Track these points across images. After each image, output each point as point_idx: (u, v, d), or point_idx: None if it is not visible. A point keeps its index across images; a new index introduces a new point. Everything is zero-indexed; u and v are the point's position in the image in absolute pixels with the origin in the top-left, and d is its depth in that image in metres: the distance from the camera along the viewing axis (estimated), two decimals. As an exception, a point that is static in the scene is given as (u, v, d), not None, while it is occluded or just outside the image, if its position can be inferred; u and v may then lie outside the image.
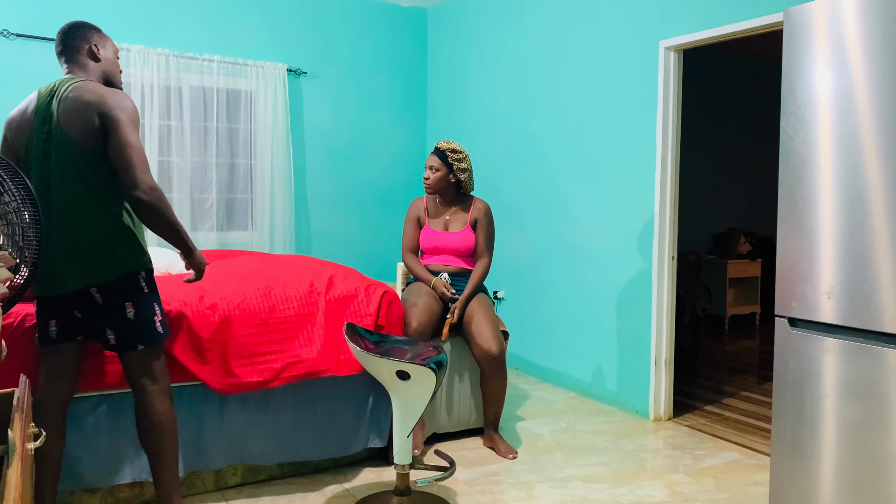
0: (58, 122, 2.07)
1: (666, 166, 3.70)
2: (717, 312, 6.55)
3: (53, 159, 2.09)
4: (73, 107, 2.07)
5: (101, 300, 2.13)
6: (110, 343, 2.19)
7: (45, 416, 2.16)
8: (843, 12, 2.09)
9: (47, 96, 2.13)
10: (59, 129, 2.07)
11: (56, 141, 2.08)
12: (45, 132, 2.09)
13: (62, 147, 2.08)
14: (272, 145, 4.97)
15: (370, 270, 4.77)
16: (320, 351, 2.74)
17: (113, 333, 2.17)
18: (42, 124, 2.10)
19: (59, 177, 2.08)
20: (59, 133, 2.07)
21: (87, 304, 2.13)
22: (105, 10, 4.47)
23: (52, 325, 2.18)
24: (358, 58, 5.43)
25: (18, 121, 2.17)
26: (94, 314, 2.15)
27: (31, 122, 2.14)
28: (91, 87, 2.12)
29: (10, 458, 1.11)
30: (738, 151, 7.17)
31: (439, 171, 3.33)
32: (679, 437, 3.50)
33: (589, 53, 4.16)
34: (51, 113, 2.09)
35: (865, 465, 2.04)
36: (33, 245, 1.83)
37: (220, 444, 2.67)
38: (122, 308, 2.16)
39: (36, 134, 2.11)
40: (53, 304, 2.16)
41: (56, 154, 2.08)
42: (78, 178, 2.08)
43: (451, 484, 2.87)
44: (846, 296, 2.08)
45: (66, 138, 2.07)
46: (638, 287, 3.84)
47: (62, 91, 2.11)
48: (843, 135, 2.09)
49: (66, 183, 2.08)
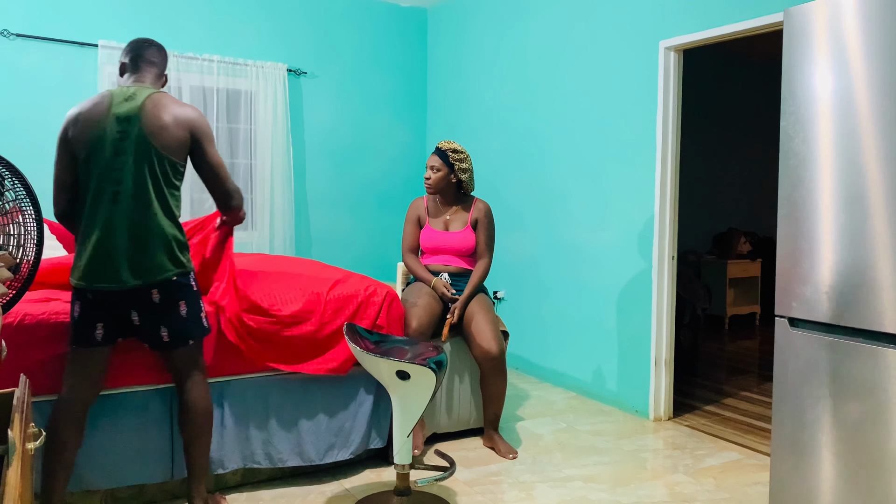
0: (141, 126, 2.19)
1: (666, 166, 3.70)
2: (717, 312, 6.55)
3: (128, 158, 2.19)
4: (163, 117, 2.22)
5: (159, 300, 2.25)
6: (163, 341, 2.30)
7: (71, 416, 2.24)
8: (843, 12, 2.09)
9: (124, 99, 2.23)
10: (142, 132, 2.19)
11: (133, 142, 2.19)
12: (121, 132, 2.19)
13: (140, 149, 2.19)
14: (272, 145, 4.96)
15: (370, 270, 4.77)
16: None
17: (167, 331, 2.29)
18: (118, 123, 2.20)
19: (131, 176, 2.19)
20: (140, 136, 2.19)
21: (145, 303, 2.24)
22: (105, 10, 4.47)
23: (100, 327, 2.24)
24: (358, 58, 5.43)
25: (85, 117, 2.23)
26: (150, 314, 2.26)
27: (101, 120, 2.21)
28: (179, 103, 2.30)
29: (9, 458, 1.11)
30: (738, 151, 7.17)
31: (440, 171, 3.33)
32: (679, 437, 3.50)
33: (589, 53, 4.16)
34: (130, 115, 2.20)
35: (865, 465, 2.04)
36: (34, 245, 1.84)
37: (221, 446, 2.67)
38: (177, 307, 2.29)
39: (109, 132, 2.19)
40: (109, 304, 2.22)
41: (132, 154, 2.19)
42: (151, 179, 2.21)
43: (451, 484, 2.87)
44: (846, 296, 2.08)
45: (148, 143, 2.20)
46: (638, 287, 3.84)
47: (142, 96, 2.23)
48: (843, 135, 2.09)
49: (138, 183, 2.20)
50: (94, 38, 4.42)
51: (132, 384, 2.50)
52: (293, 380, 2.81)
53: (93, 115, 2.22)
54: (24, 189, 1.84)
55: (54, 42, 4.33)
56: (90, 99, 2.28)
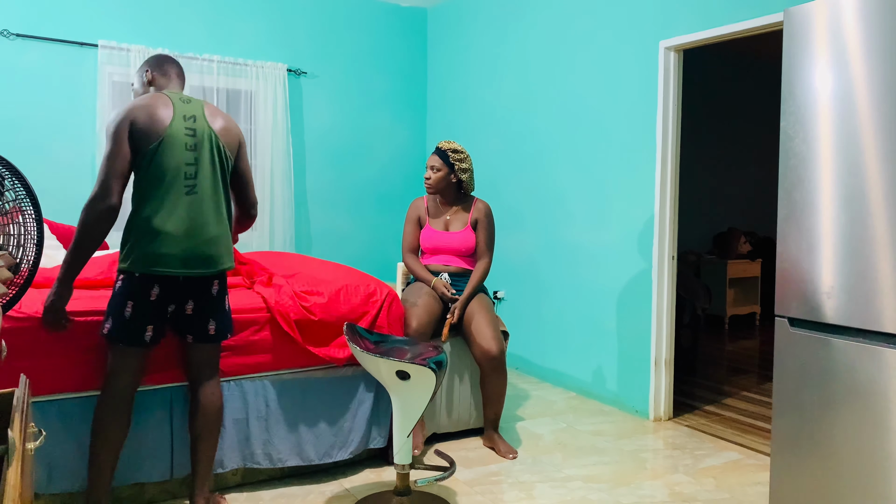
0: (209, 126, 2.34)
1: (666, 166, 3.70)
2: (717, 312, 6.55)
3: (202, 154, 2.32)
4: (222, 118, 2.41)
5: (217, 291, 2.39)
6: (209, 334, 2.40)
7: (125, 411, 2.31)
8: (843, 12, 2.09)
9: (181, 101, 2.33)
10: (211, 130, 2.34)
11: (205, 139, 2.32)
12: (190, 129, 2.30)
13: (211, 146, 2.33)
14: (272, 145, 4.97)
15: (370, 270, 4.77)
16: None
17: (215, 323, 2.40)
18: (186, 120, 2.30)
19: (205, 170, 2.32)
20: (211, 134, 2.34)
21: (205, 293, 2.36)
22: (105, 10, 4.47)
23: (150, 330, 2.29)
24: (358, 58, 5.43)
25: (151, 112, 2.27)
26: (206, 304, 2.37)
27: (170, 115, 2.28)
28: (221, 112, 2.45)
29: (9, 457, 1.11)
30: (738, 151, 7.17)
31: (440, 171, 3.33)
32: (679, 437, 3.50)
33: (589, 53, 4.16)
34: (195, 115, 2.32)
35: (865, 464, 2.04)
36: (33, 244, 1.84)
37: (221, 446, 2.66)
38: (224, 300, 2.45)
39: (179, 127, 2.28)
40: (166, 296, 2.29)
41: (205, 150, 2.32)
42: (220, 174, 2.37)
43: (451, 484, 2.87)
44: (846, 296, 2.08)
45: (216, 140, 2.35)
46: (638, 287, 3.84)
47: (195, 100, 2.38)
48: (843, 135, 2.09)
49: (210, 176, 2.33)
50: (94, 38, 4.42)
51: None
52: (293, 380, 2.82)
53: (160, 112, 2.28)
54: (24, 189, 1.84)
55: (54, 42, 4.33)
56: (147, 97, 2.32)
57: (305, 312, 2.77)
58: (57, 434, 2.37)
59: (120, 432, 2.30)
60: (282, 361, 2.78)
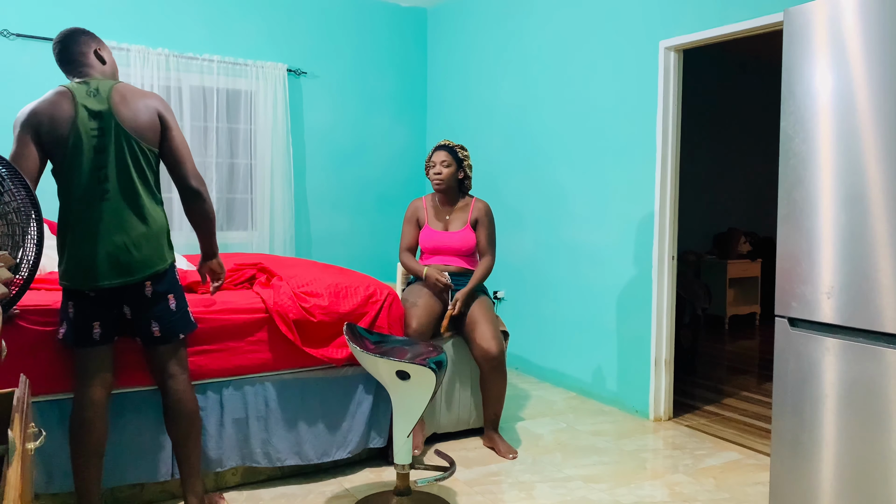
0: (117, 119, 2.17)
1: (666, 166, 3.70)
2: (717, 312, 6.55)
3: (110, 155, 2.17)
4: (133, 106, 2.20)
5: (151, 293, 2.26)
6: (153, 336, 2.30)
7: (96, 415, 2.26)
8: (843, 12, 2.09)
9: (87, 95, 2.18)
10: (119, 125, 2.17)
11: (113, 136, 2.17)
12: (97, 128, 2.16)
13: (120, 143, 2.18)
14: (272, 145, 4.96)
15: (370, 270, 4.77)
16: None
17: (158, 325, 2.29)
18: (91, 120, 2.16)
19: (116, 171, 2.18)
20: (118, 129, 2.17)
21: (138, 297, 2.25)
22: (105, 10, 4.47)
23: (97, 326, 2.24)
24: (358, 58, 5.43)
25: (52, 114, 2.16)
26: (143, 307, 2.26)
27: (72, 118, 2.15)
28: (138, 89, 2.27)
29: (9, 457, 1.11)
30: (738, 151, 7.17)
31: (451, 167, 3.35)
32: (679, 437, 3.50)
33: (589, 53, 4.16)
34: (101, 110, 2.17)
35: (865, 465, 2.04)
36: (33, 245, 1.84)
37: (220, 445, 2.67)
38: (166, 300, 2.30)
39: (84, 130, 2.16)
40: (104, 301, 2.22)
41: (113, 149, 2.17)
42: (136, 172, 2.20)
43: (451, 484, 2.87)
44: (846, 296, 2.08)
45: (126, 135, 2.18)
46: (638, 287, 3.84)
47: (105, 89, 2.19)
48: (843, 135, 2.09)
49: (123, 177, 2.19)
50: (94, 38, 4.42)
51: (132, 385, 2.50)
52: (292, 380, 2.82)
53: (61, 114, 2.15)
54: (24, 189, 1.84)
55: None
56: (46, 97, 2.20)
57: (304, 313, 2.77)
58: (57, 434, 2.37)
59: (93, 436, 2.25)
60: (281, 361, 2.78)
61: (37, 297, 2.44)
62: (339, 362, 2.85)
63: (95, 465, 2.28)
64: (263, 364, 2.74)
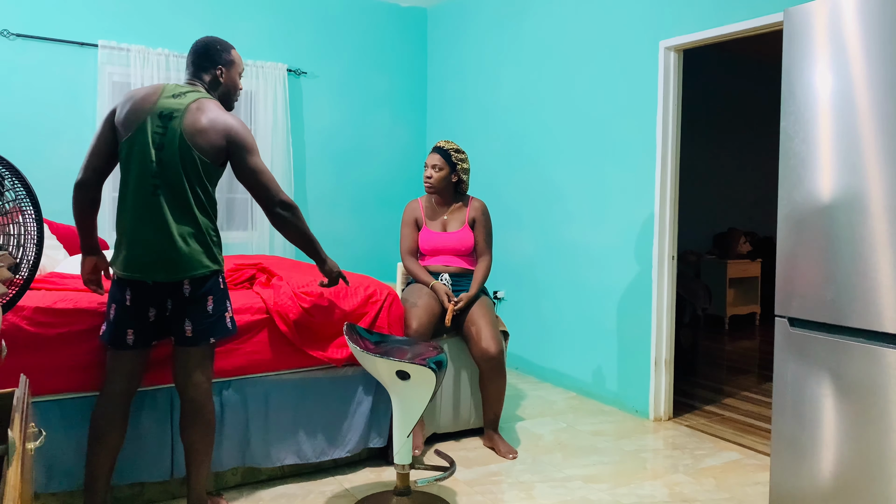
0: (182, 126, 2.25)
1: (666, 166, 3.70)
2: (717, 312, 6.55)
3: (166, 154, 2.24)
4: (204, 117, 2.27)
5: (189, 292, 2.30)
6: (186, 335, 2.32)
7: (119, 415, 2.30)
8: (843, 12, 2.09)
9: (171, 95, 2.29)
10: (181, 132, 2.24)
11: (172, 139, 2.24)
12: (162, 126, 2.25)
13: (178, 147, 2.24)
14: (272, 145, 4.96)
15: (370, 270, 4.77)
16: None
17: (191, 325, 2.31)
18: (160, 118, 2.25)
19: (169, 170, 2.24)
20: (179, 135, 2.24)
21: (177, 294, 2.29)
22: (105, 10, 4.47)
23: (130, 333, 2.29)
24: (358, 58, 5.43)
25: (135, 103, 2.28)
26: (179, 305, 2.30)
27: (146, 109, 2.26)
28: (218, 109, 2.33)
29: (9, 457, 1.11)
30: (738, 151, 7.17)
31: (443, 171, 3.34)
32: (679, 437, 3.50)
33: (589, 53, 4.16)
34: (172, 112, 2.26)
35: (865, 464, 2.04)
36: (33, 244, 1.84)
37: (220, 445, 2.67)
38: (205, 301, 2.33)
39: (151, 123, 2.25)
40: (147, 295, 2.27)
41: (169, 150, 2.24)
42: (185, 177, 2.26)
43: (451, 484, 2.87)
44: (846, 296, 2.08)
45: (184, 143, 2.24)
46: (638, 287, 3.84)
47: (189, 99, 2.29)
48: (843, 135, 2.09)
49: (174, 179, 2.25)
50: (94, 38, 4.42)
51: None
52: (292, 380, 2.82)
53: (142, 104, 2.27)
54: (24, 189, 1.84)
55: (54, 42, 4.33)
56: (148, 86, 2.35)
57: (304, 313, 2.77)
58: (57, 434, 2.37)
59: (113, 436, 2.29)
60: (281, 361, 2.78)
61: (37, 297, 2.44)
62: (339, 362, 2.85)
63: (108, 462, 2.30)
64: (263, 364, 2.74)
